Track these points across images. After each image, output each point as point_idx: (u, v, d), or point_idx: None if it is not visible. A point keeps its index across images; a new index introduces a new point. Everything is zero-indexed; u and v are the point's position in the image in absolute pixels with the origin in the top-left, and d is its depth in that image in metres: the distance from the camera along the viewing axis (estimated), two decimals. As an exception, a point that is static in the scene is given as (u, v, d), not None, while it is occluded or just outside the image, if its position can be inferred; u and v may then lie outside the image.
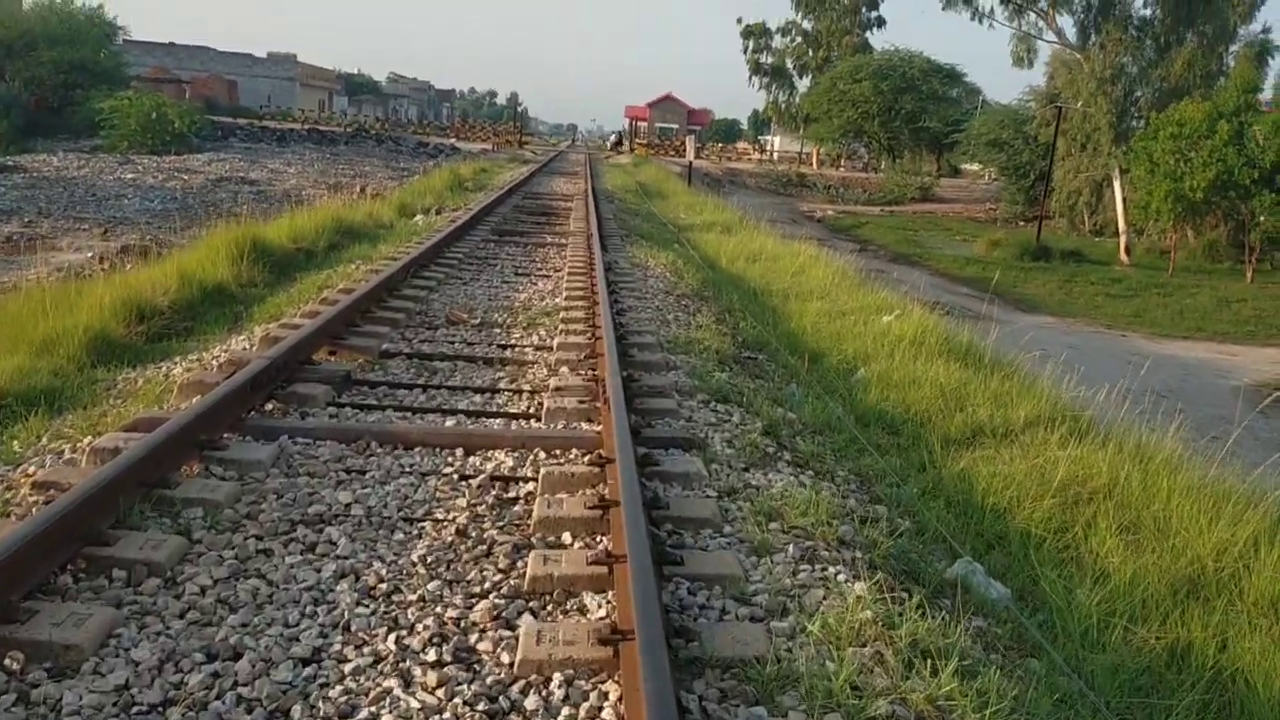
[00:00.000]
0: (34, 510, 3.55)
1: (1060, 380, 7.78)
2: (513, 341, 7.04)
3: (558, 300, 8.61)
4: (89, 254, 13.05)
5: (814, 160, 67.53)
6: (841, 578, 3.40)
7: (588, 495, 4.04)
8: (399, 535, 3.65)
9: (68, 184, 21.92)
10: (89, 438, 4.49)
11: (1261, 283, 25.84)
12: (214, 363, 5.89)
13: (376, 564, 3.40)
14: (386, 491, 4.05)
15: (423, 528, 3.73)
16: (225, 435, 4.48)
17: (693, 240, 15.74)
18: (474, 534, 3.69)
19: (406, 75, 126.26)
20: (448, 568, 3.41)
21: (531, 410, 5.40)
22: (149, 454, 3.82)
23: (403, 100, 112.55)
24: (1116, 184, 31.98)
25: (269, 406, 5.04)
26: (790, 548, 3.60)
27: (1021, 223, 39.25)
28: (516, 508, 3.99)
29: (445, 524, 3.76)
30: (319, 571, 3.31)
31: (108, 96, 33.60)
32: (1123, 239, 30.71)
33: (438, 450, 4.60)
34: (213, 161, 28.64)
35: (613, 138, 77.18)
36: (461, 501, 4.00)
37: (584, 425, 5.09)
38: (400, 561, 3.43)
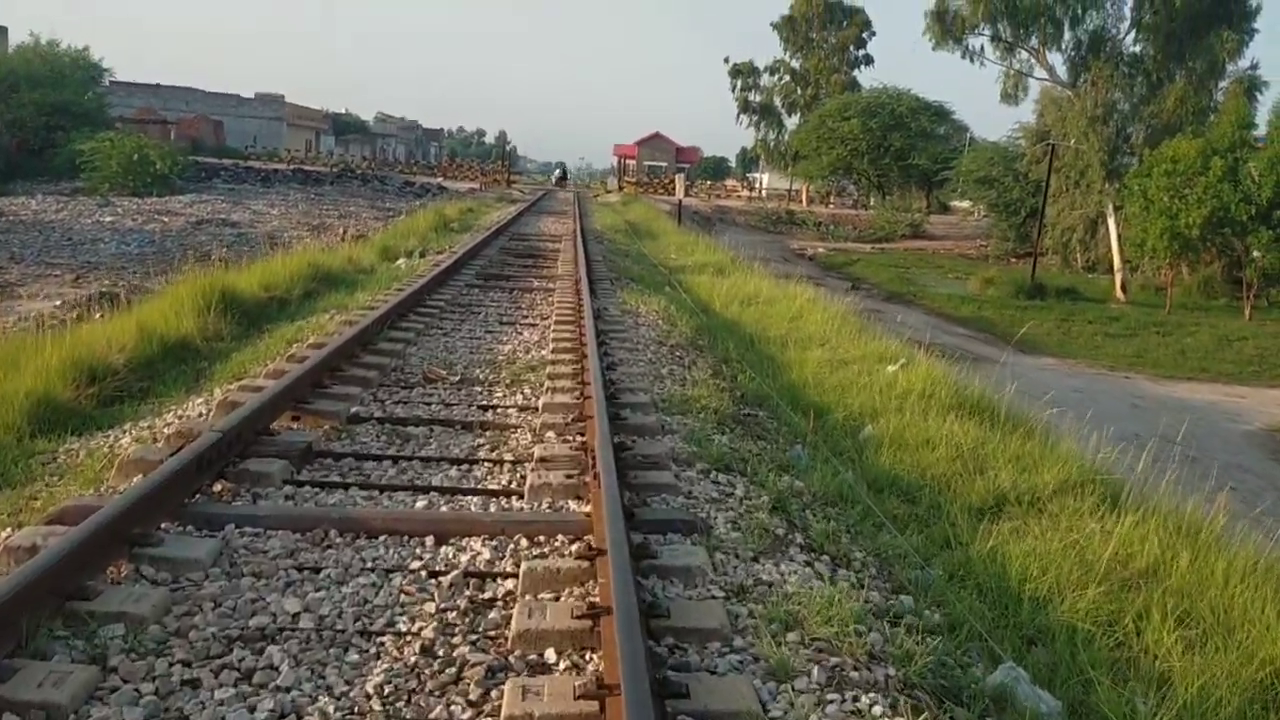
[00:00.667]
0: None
1: (1079, 434, 7.28)
2: (494, 402, 6.52)
3: (544, 353, 8.11)
4: (57, 302, 12.51)
5: (803, 197, 67.45)
6: (877, 710, 2.86)
7: (575, 598, 3.51)
8: (353, 655, 3.11)
9: (44, 228, 21.39)
10: (8, 531, 3.94)
11: (1260, 320, 25.51)
12: (164, 432, 5.36)
13: (323, 698, 2.85)
14: (343, 595, 3.50)
15: (382, 644, 3.19)
16: (162, 526, 3.94)
17: (685, 283, 15.28)
18: (442, 652, 3.15)
19: (394, 115, 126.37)
20: (408, 701, 2.87)
21: (513, 485, 4.87)
22: (67, 557, 3.29)
23: (390, 140, 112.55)
24: (1110, 221, 31.76)
25: (218, 487, 4.50)
26: (814, 670, 3.06)
27: (1013, 259, 38.97)
28: (493, 614, 3.45)
29: (408, 639, 3.22)
30: (253, 711, 2.76)
31: (90, 138, 33.12)
32: (1118, 276, 30.41)
33: (405, 539, 4.06)
34: (195, 203, 28.15)
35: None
36: (429, 607, 3.45)
37: (571, 504, 4.56)
38: (352, 693, 2.89)
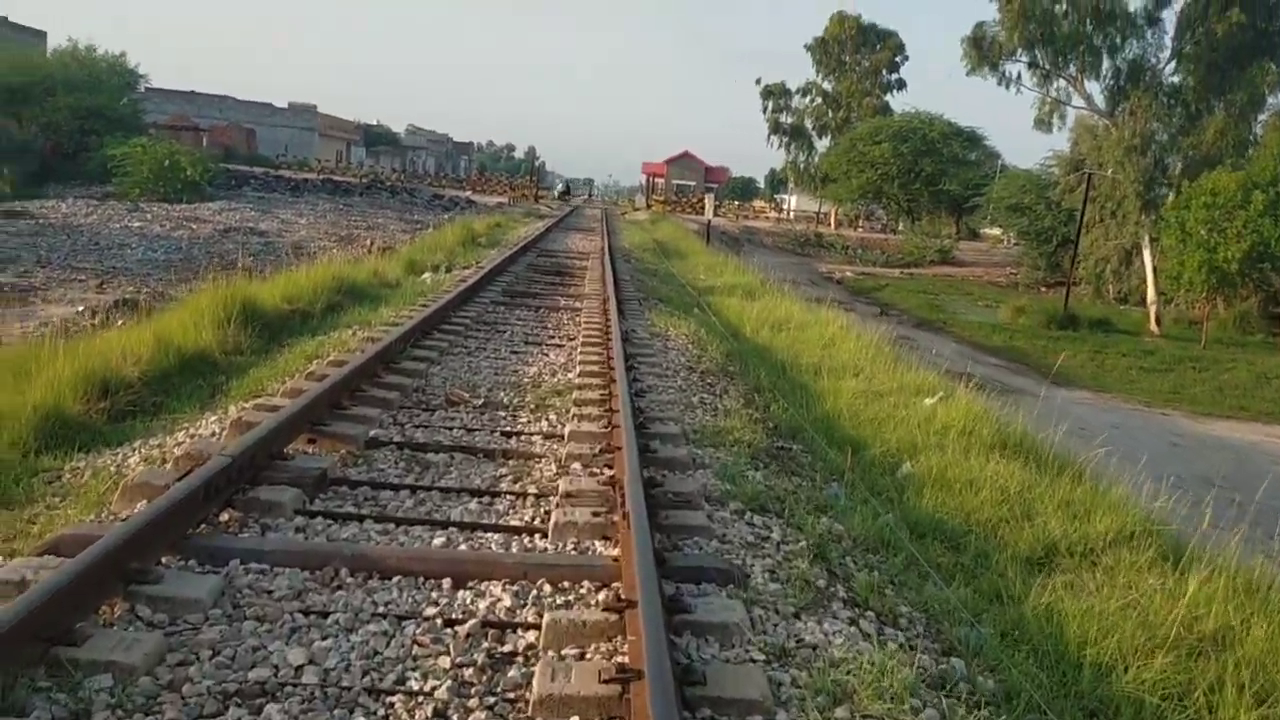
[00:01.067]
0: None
1: (1128, 478, 6.93)
2: (518, 428, 6.25)
3: (570, 376, 7.84)
4: (79, 308, 12.38)
5: (832, 220, 67.13)
6: (940, 805, 2.56)
7: (603, 656, 3.23)
8: (359, 718, 2.83)
9: (72, 231, 21.38)
10: (1, 559, 3.70)
11: (1298, 357, 24.94)
12: (174, 452, 5.13)
13: (324, 770, 2.58)
14: (351, 645, 3.23)
15: (391, 706, 2.91)
16: (163, 560, 3.68)
17: (714, 305, 15.00)
18: (456, 717, 2.87)
19: (425, 127, 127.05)
20: (418, 776, 2.59)
21: (537, 521, 4.59)
22: (56, 597, 3.04)
23: (421, 152, 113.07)
24: (1146, 253, 31.26)
25: (225, 516, 4.25)
26: (868, 755, 2.76)
27: (1043, 288, 38.54)
28: (513, 671, 3.16)
29: (420, 699, 2.94)
30: (245, 783, 2.50)
31: (123, 143, 33.22)
32: (1153, 309, 29.90)
33: (421, 581, 3.78)
34: (224, 210, 28.16)
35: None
36: (444, 661, 3.18)
37: (598, 546, 4.28)
38: (356, 765, 2.61)
